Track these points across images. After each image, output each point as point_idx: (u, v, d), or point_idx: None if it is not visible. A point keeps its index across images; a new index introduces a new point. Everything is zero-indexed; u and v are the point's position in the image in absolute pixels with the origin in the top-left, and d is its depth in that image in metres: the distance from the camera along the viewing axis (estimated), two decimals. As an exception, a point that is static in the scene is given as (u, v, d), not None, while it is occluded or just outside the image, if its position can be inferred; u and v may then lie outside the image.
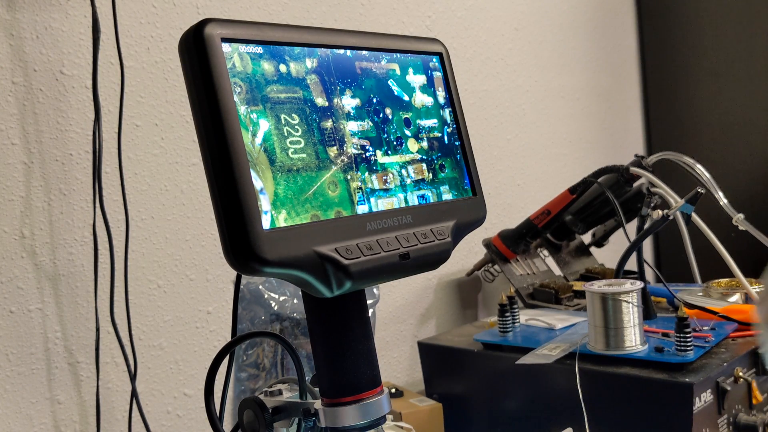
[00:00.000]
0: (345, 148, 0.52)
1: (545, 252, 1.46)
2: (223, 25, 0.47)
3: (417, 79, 0.60)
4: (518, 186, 1.68)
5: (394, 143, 0.56)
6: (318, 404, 0.57)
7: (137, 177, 1.06)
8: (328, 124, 0.52)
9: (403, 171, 0.56)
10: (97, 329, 1.00)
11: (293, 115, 0.49)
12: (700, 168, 1.24)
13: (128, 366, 1.01)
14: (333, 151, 0.51)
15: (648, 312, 1.12)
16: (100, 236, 1.00)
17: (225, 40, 0.47)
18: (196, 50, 0.46)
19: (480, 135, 1.59)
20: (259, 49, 0.50)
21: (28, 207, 0.96)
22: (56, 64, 0.98)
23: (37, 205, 0.97)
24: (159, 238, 1.08)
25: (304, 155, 0.49)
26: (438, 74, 0.62)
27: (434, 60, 0.62)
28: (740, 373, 0.97)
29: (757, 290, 1.18)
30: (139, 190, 1.06)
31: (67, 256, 0.99)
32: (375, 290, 1.15)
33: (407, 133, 0.58)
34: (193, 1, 1.12)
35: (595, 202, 1.36)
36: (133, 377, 1.02)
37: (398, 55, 0.59)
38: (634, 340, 0.98)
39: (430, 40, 0.62)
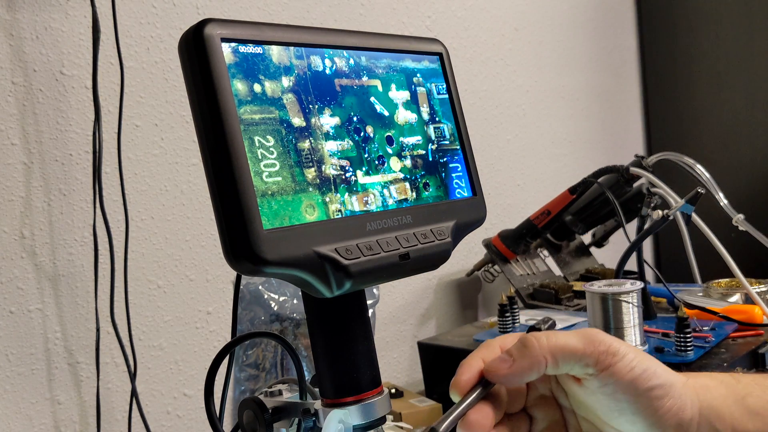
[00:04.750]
0: (323, 170, 0.51)
1: (545, 252, 1.46)
2: (223, 25, 0.47)
3: (400, 95, 0.58)
4: (518, 186, 1.68)
5: (376, 162, 0.55)
6: (318, 404, 0.57)
7: (137, 177, 1.06)
8: (306, 144, 0.50)
9: (385, 191, 0.55)
10: (97, 329, 1.00)
11: (268, 136, 0.48)
12: (700, 168, 1.23)
13: (128, 366, 1.01)
14: (311, 173, 0.50)
15: (648, 312, 1.11)
16: (100, 236, 1.00)
17: (225, 40, 0.47)
18: (195, 50, 0.46)
19: (480, 135, 1.59)
20: (259, 49, 0.50)
21: (28, 207, 0.96)
22: (56, 64, 0.98)
23: (37, 205, 0.97)
24: (159, 238, 1.08)
25: (279, 178, 0.48)
26: (422, 89, 0.60)
27: (418, 75, 0.60)
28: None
29: (758, 290, 1.18)
30: (139, 190, 1.06)
31: (67, 256, 0.99)
32: (375, 290, 1.15)
33: (389, 151, 0.56)
34: (193, 1, 1.12)
35: (595, 203, 1.36)
36: (133, 377, 1.02)
37: (381, 71, 0.57)
38: (634, 340, 0.98)
39: (430, 40, 0.62)
